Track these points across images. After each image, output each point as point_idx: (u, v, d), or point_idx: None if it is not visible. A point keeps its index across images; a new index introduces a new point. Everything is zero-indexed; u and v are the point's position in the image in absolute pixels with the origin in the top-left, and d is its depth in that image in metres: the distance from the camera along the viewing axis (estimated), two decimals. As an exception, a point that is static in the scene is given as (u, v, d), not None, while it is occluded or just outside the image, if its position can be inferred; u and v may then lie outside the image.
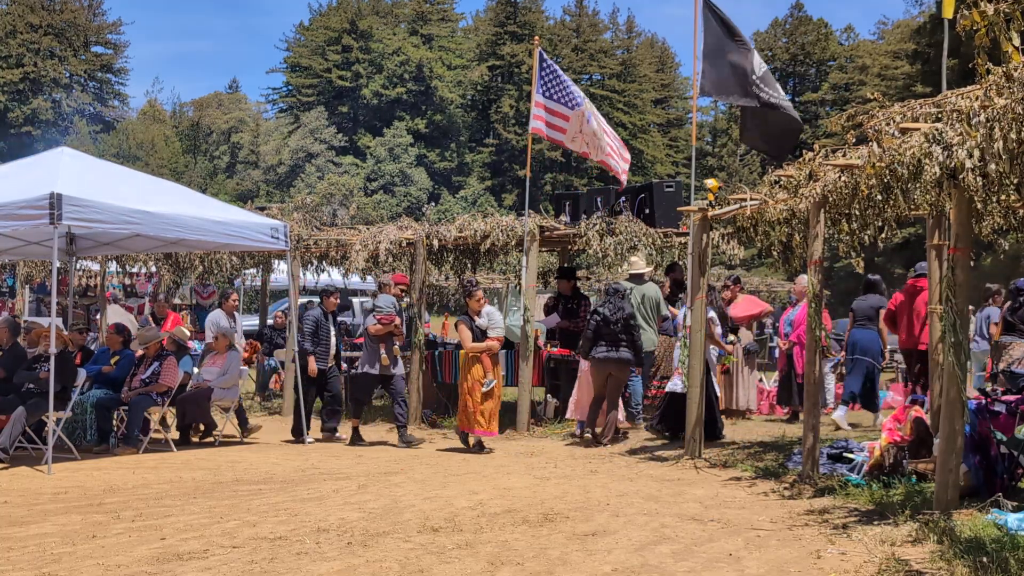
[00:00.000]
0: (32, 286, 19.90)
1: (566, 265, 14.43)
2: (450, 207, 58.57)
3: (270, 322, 16.32)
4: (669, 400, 10.68)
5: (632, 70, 74.64)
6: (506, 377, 12.08)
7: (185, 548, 5.99)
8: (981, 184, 6.02)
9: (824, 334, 8.98)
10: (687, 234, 10.92)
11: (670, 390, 10.67)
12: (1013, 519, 6.00)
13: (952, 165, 6.04)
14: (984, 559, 5.22)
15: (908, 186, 6.64)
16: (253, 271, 16.56)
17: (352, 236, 14.11)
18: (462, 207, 58.21)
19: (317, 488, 8.20)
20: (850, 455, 8.48)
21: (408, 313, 12.91)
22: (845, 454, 8.58)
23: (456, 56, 74.76)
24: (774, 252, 9.56)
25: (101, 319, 15.97)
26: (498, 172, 70.99)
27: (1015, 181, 6.22)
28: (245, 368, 11.80)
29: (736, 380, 12.60)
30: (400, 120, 68.08)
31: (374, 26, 71.74)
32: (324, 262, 15.23)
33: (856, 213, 7.82)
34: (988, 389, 8.12)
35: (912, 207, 7.42)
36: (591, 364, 10.86)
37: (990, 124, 5.63)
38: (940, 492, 6.58)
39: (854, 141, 7.44)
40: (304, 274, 15.97)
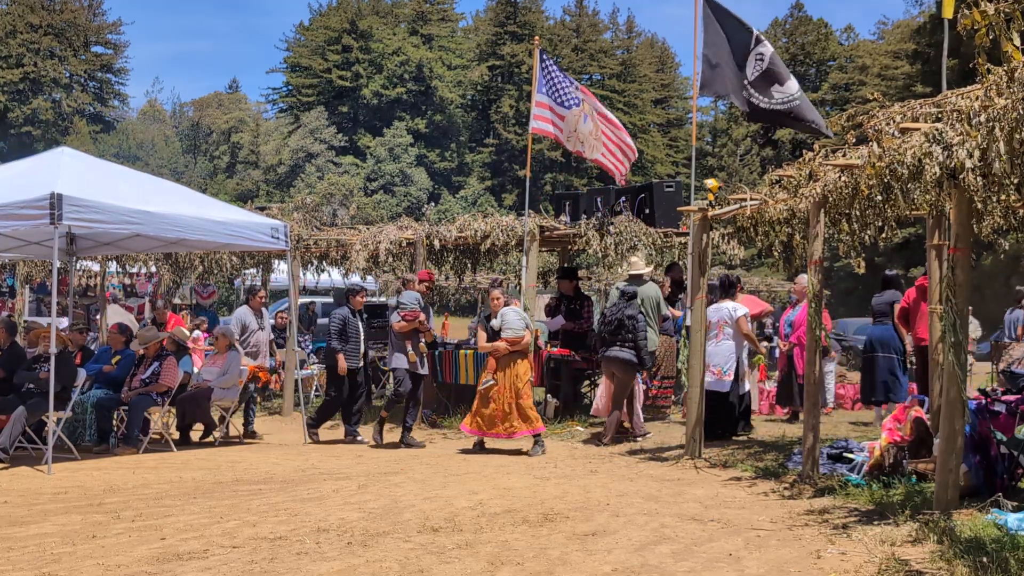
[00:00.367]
0: (32, 286, 19.91)
1: (567, 265, 14.42)
2: (450, 207, 58.60)
3: (272, 322, 16.30)
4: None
5: (632, 70, 74.68)
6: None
7: (185, 548, 5.99)
8: (981, 184, 6.03)
9: (824, 334, 8.99)
10: (687, 234, 10.93)
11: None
12: (1013, 519, 6.00)
13: (952, 165, 6.04)
14: (984, 559, 5.22)
15: (908, 186, 6.64)
16: (253, 271, 16.57)
17: (352, 236, 14.12)
18: (462, 207, 58.24)
19: (317, 488, 8.19)
20: (850, 455, 8.48)
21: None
22: (845, 454, 8.58)
23: (456, 56, 74.80)
24: (774, 252, 9.56)
25: (101, 319, 15.98)
26: (498, 172, 71.01)
27: (1015, 181, 6.22)
28: (245, 368, 11.78)
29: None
30: (400, 120, 68.10)
31: (374, 26, 71.76)
32: (324, 262, 15.24)
33: (856, 213, 7.82)
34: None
35: (912, 207, 7.42)
36: (602, 363, 11.11)
37: (991, 124, 5.63)
38: (940, 492, 6.59)
39: (854, 141, 7.44)
40: (304, 274, 15.97)
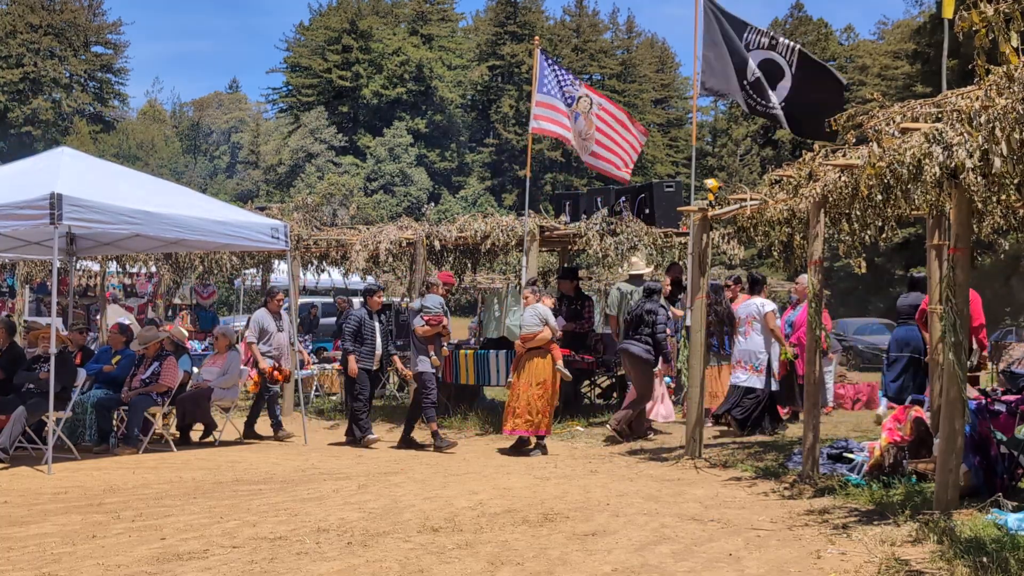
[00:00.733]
0: (32, 286, 19.88)
1: (567, 265, 14.42)
2: (450, 207, 58.60)
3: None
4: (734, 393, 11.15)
5: (632, 70, 74.64)
6: (505, 377, 12.05)
7: (185, 548, 5.99)
8: (981, 184, 6.02)
9: (824, 334, 8.98)
10: (687, 234, 10.92)
11: (733, 383, 11.16)
12: (1013, 519, 6.00)
13: (952, 165, 6.03)
14: (984, 559, 5.22)
15: (908, 186, 6.63)
16: (253, 271, 16.56)
17: (352, 236, 14.11)
18: (462, 207, 58.24)
19: (317, 488, 8.20)
20: (850, 455, 8.48)
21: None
22: (845, 454, 8.59)
23: (456, 56, 74.75)
24: (774, 252, 9.56)
25: (101, 319, 15.98)
26: (498, 172, 70.98)
27: (1016, 181, 6.22)
28: (246, 368, 11.78)
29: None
30: (400, 120, 68.04)
31: (374, 26, 71.71)
32: (324, 262, 15.23)
33: (856, 213, 7.81)
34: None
35: (912, 207, 7.42)
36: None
37: (991, 124, 5.63)
38: (940, 492, 6.59)
39: (854, 141, 7.44)
40: (304, 274, 15.95)
